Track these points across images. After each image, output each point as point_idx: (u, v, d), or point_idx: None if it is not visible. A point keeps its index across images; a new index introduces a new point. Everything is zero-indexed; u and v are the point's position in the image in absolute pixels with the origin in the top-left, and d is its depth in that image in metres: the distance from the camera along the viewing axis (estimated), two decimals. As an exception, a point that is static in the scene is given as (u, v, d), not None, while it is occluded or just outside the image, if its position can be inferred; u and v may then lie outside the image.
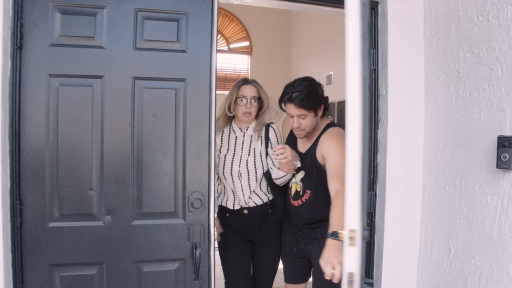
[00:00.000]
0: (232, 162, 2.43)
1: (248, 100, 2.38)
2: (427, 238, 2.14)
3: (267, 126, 2.46)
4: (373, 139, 2.22)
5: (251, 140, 2.44)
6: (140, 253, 2.00)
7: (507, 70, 1.68)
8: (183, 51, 2.02)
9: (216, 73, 2.09)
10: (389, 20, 2.14)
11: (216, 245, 2.32)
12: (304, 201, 2.28)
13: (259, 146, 2.43)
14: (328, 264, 1.76)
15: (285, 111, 2.25)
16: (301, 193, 2.30)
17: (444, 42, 2.03)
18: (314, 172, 2.24)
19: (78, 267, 1.95)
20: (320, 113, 2.22)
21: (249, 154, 2.42)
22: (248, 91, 2.40)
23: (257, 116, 2.48)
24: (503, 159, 1.68)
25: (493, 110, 1.75)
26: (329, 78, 4.81)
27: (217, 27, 2.11)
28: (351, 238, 1.40)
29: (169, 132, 2.02)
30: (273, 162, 2.38)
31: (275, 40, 6.06)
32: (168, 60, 2.01)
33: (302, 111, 2.14)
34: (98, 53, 1.93)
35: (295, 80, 2.20)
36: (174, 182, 2.02)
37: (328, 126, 2.28)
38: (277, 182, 2.40)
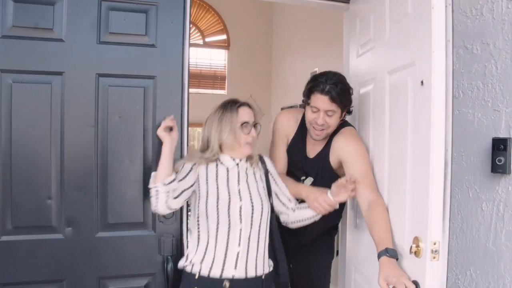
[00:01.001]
0: (229, 201, 1.87)
1: (251, 125, 1.93)
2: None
3: (261, 157, 2.07)
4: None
5: (247, 174, 1.97)
6: (105, 268, 1.94)
7: (502, 68, 1.68)
8: (153, 45, 1.98)
9: (189, 69, 2.05)
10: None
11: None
12: None
13: (260, 182, 1.99)
14: (398, 283, 1.62)
15: (307, 104, 2.12)
16: None
17: (435, 37, 2.02)
18: (327, 178, 2.15)
19: (34, 286, 1.87)
20: (343, 115, 2.15)
21: (249, 192, 1.92)
22: (250, 114, 1.95)
23: None
24: (498, 163, 1.67)
25: (488, 110, 1.74)
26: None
27: (190, 19, 2.07)
28: (434, 252, 1.35)
29: (137, 134, 1.97)
30: (281, 201, 2.06)
31: (255, 34, 6.03)
32: (136, 55, 1.96)
33: (334, 107, 2.04)
34: (57, 47, 1.87)
35: (327, 72, 2.10)
36: (142, 190, 1.97)
37: (340, 126, 2.19)
38: (295, 225, 2.09)
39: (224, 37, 6.08)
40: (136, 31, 1.96)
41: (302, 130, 2.25)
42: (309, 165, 2.25)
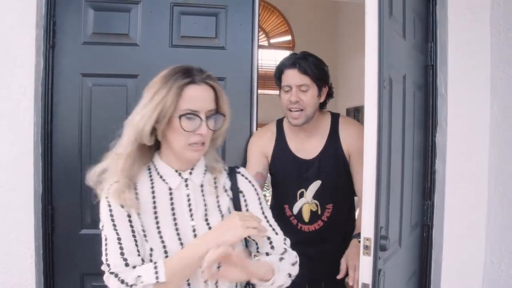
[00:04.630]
0: (180, 243, 1.21)
1: (203, 118, 1.20)
2: (493, 256, 2.01)
3: (232, 171, 1.35)
4: (430, 144, 2.10)
5: (203, 195, 1.27)
6: None
7: None
8: (222, 47, 2.00)
9: (258, 71, 2.06)
10: (449, 9, 2.02)
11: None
12: (326, 219, 1.96)
13: (224, 207, 1.29)
14: (350, 266, 1.69)
15: (278, 84, 1.92)
16: (319, 212, 1.96)
17: (514, 33, 1.90)
18: (342, 177, 1.95)
19: (111, 277, 1.95)
20: (323, 97, 1.93)
21: (208, 223, 1.24)
22: (205, 98, 1.22)
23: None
24: None
25: None
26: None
27: (259, 21, 2.07)
28: (366, 247, 1.36)
29: (207, 134, 1.99)
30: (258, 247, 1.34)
31: (320, 35, 5.95)
32: (206, 57, 1.99)
33: (306, 80, 1.84)
34: (132, 51, 1.95)
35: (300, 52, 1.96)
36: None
37: (336, 116, 2.02)
38: None
39: (288, 38, 6.04)
40: (206, 34, 1.99)
41: (282, 136, 2.00)
42: (313, 167, 1.95)
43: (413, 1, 1.94)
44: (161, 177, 1.25)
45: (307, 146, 1.97)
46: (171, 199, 1.23)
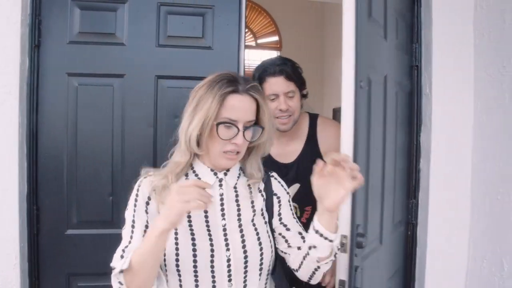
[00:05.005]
0: (211, 253, 1.22)
1: (241, 128, 1.21)
2: (476, 254, 2.04)
3: (266, 175, 1.36)
4: (415, 143, 2.14)
5: (236, 196, 1.29)
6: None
7: None
8: (209, 47, 2.00)
9: (244, 71, 2.07)
10: (434, 10, 2.06)
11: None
12: (305, 221, 1.89)
13: (259, 216, 1.31)
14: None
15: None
16: (298, 214, 1.93)
17: (497, 35, 1.94)
18: None
19: (97, 277, 1.91)
20: (302, 99, 1.95)
21: (240, 224, 1.27)
22: (246, 109, 1.23)
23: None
24: None
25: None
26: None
27: (246, 22, 2.07)
28: (343, 245, 1.38)
29: (193, 134, 1.98)
30: (289, 244, 1.34)
31: (307, 35, 5.96)
32: (193, 57, 1.98)
33: (292, 86, 1.84)
34: (119, 51, 1.93)
35: (271, 58, 1.96)
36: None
37: (315, 117, 2.01)
38: (306, 276, 1.33)
39: (276, 38, 6.04)
40: (193, 34, 1.98)
41: None
42: (292, 171, 1.94)
43: (396, 2, 1.97)
44: (196, 175, 1.27)
45: (288, 150, 1.97)
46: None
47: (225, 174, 1.28)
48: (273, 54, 6.11)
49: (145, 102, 1.95)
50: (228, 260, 1.21)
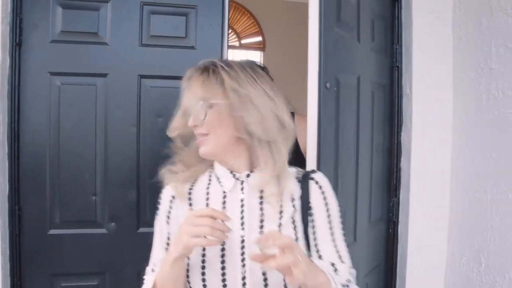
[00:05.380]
0: (221, 257, 1.06)
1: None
2: (455, 250, 2.08)
3: (306, 176, 1.14)
4: (396, 142, 2.18)
5: (261, 202, 1.10)
6: (145, 262, 1.92)
7: (545, 67, 1.62)
8: (192, 47, 2.00)
9: (227, 71, 2.05)
10: (414, 12, 2.10)
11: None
12: None
13: (289, 225, 1.09)
14: None
15: None
16: None
17: (474, 36, 1.97)
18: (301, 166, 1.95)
19: (80, 277, 1.93)
20: None
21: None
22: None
23: None
24: (539, 165, 1.62)
25: (529, 110, 1.70)
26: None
27: (229, 22, 2.08)
28: None
29: (177, 134, 1.98)
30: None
31: (291, 36, 5.98)
32: (176, 57, 1.98)
33: None
34: (101, 50, 1.92)
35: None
36: (182, 187, 1.99)
37: (291, 115, 2.03)
38: None
39: (259, 39, 6.06)
40: (176, 33, 1.98)
41: None
42: None
43: (373, 4, 2.01)
44: (218, 178, 1.13)
45: None
46: (224, 203, 1.09)
47: (248, 175, 1.09)
48: (256, 54, 6.13)
49: (128, 101, 1.94)
50: (243, 279, 1.02)
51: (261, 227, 1.06)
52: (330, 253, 1.08)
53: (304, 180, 1.11)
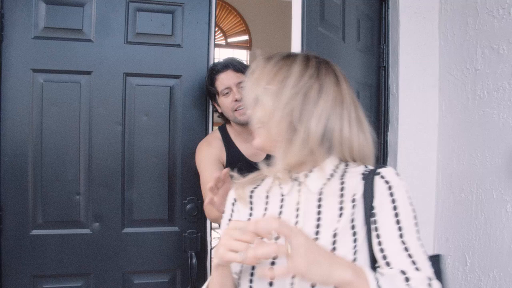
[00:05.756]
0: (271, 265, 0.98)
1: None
2: (440, 249, 2.10)
3: (372, 172, 0.96)
4: (382, 142, 2.19)
5: (319, 206, 0.98)
6: (130, 263, 1.95)
7: (529, 68, 1.65)
8: (179, 45, 1.99)
9: (214, 69, 2.05)
10: (401, 12, 2.11)
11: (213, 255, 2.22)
12: None
13: (345, 225, 0.93)
14: None
15: (213, 94, 1.89)
16: None
17: (460, 37, 2.00)
18: None
19: (63, 279, 1.90)
20: None
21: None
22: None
23: None
24: (524, 164, 1.64)
25: (514, 111, 1.72)
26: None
27: (215, 20, 2.07)
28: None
29: (163, 133, 1.98)
30: None
31: (277, 35, 6.01)
32: (162, 55, 1.97)
33: (242, 77, 1.83)
34: (86, 47, 1.90)
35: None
36: (168, 186, 1.99)
37: None
38: None
39: (246, 37, 6.07)
40: (162, 31, 1.97)
41: (230, 142, 1.95)
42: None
43: (360, 4, 2.02)
44: (279, 179, 1.04)
45: (251, 147, 1.94)
46: (281, 207, 1.01)
47: (306, 175, 0.99)
48: (243, 53, 6.13)
49: (113, 100, 1.92)
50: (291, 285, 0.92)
51: (317, 233, 0.94)
52: (399, 259, 0.89)
53: (369, 176, 0.95)
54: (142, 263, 1.97)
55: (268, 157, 1.76)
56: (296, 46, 1.53)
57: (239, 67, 1.87)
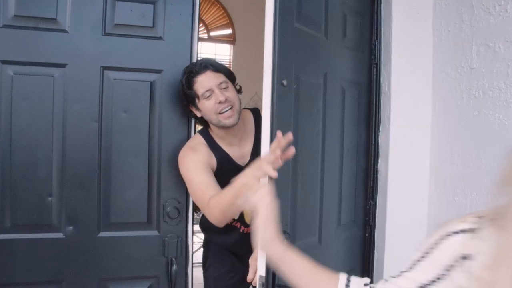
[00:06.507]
0: None
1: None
2: (433, 255, 2.09)
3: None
4: (373, 143, 2.18)
5: None
6: (107, 269, 1.91)
7: (527, 68, 1.64)
8: (160, 38, 1.95)
9: (197, 64, 2.01)
10: (394, 8, 2.09)
11: (195, 261, 2.20)
12: None
13: None
14: (252, 266, 1.73)
15: (192, 98, 1.86)
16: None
17: (455, 35, 1.98)
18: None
19: (34, 287, 1.85)
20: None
21: None
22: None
23: None
24: (520, 168, 1.63)
25: (510, 111, 1.71)
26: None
27: (199, 12, 2.04)
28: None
29: (143, 130, 1.94)
30: None
31: (262, 29, 5.97)
32: (142, 48, 1.93)
33: (222, 77, 1.85)
34: (60, 38, 1.84)
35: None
36: (147, 188, 1.95)
37: (256, 111, 2.04)
38: None
39: (229, 31, 6.01)
40: (143, 22, 1.92)
41: (216, 146, 1.94)
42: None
43: (346, 0, 2.01)
44: None
45: (242, 151, 1.98)
46: None
47: None
48: (226, 48, 6.07)
49: (89, 95, 1.87)
50: None
51: None
52: None
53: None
54: (119, 269, 1.92)
55: (251, 160, 1.77)
56: (269, 44, 1.51)
57: (218, 67, 1.86)
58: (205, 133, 1.96)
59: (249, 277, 1.73)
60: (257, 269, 1.43)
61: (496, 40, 1.77)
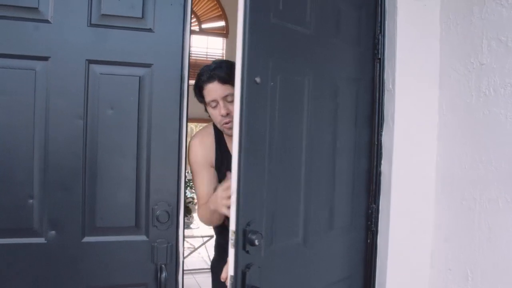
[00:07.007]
0: None
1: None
2: (439, 263, 2.08)
3: None
4: (376, 143, 2.15)
5: None
6: (91, 277, 1.87)
7: (542, 64, 1.62)
8: (150, 30, 1.90)
9: (189, 58, 1.97)
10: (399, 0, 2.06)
11: (186, 267, 2.17)
12: None
13: None
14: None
15: (203, 103, 2.05)
16: None
17: (464, 28, 1.96)
18: None
19: (12, 296, 1.80)
20: None
21: None
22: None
23: None
24: (532, 170, 1.63)
25: (523, 111, 1.70)
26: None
27: (192, 2, 1.99)
28: (232, 240, 1.52)
29: (131, 128, 1.89)
30: None
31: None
32: (131, 40, 1.88)
33: (229, 89, 1.92)
34: (42, 29, 1.78)
35: (210, 63, 2.08)
36: (135, 190, 1.90)
37: None
38: None
39: (222, 24, 5.95)
40: (132, 13, 1.87)
41: (221, 141, 2.12)
42: None
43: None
44: None
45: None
46: None
47: None
48: (219, 41, 6.02)
49: (73, 90, 1.82)
50: None
51: None
52: None
53: None
54: (104, 277, 1.88)
55: None
56: (239, 40, 1.50)
57: (226, 79, 1.93)
58: (216, 127, 2.09)
59: (223, 276, 1.78)
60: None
61: (509, 34, 1.75)
